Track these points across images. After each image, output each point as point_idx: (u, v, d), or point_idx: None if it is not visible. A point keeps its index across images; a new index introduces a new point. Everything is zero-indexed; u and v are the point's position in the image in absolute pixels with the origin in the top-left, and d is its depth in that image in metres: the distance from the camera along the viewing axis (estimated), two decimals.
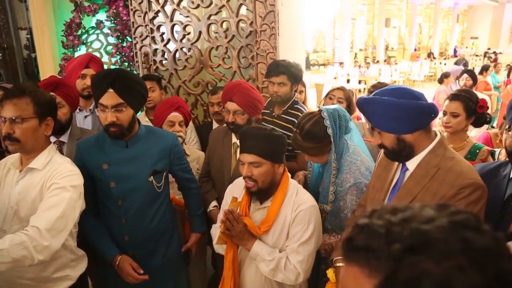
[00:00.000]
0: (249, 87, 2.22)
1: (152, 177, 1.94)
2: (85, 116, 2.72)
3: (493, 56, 18.90)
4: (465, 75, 4.84)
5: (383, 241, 0.51)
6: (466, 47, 26.58)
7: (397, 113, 1.40)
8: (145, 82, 2.86)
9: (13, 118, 1.55)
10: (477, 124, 2.31)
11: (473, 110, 2.23)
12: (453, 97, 2.29)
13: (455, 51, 25.59)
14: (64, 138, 2.20)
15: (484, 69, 7.84)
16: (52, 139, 2.18)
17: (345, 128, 1.93)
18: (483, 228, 0.52)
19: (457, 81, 4.98)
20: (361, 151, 1.98)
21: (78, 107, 2.66)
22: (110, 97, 1.76)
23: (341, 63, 16.71)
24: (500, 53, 20.32)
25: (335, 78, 13.95)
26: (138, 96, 1.86)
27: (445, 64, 18.09)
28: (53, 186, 1.59)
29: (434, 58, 20.82)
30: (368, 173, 1.89)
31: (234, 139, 2.32)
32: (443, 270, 0.47)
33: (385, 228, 0.52)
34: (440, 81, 5.97)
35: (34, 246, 1.39)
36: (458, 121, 2.24)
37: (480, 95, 2.87)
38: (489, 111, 2.36)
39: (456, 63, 13.96)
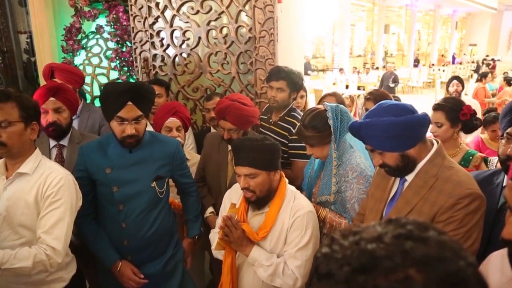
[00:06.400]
0: (241, 106, 2.19)
1: (154, 182, 1.96)
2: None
3: (491, 63, 18.97)
4: (455, 81, 4.92)
5: (338, 266, 0.53)
6: (465, 54, 26.70)
7: (400, 131, 1.40)
8: (154, 87, 2.90)
9: None
10: (467, 131, 2.33)
11: (457, 118, 2.24)
12: (436, 107, 2.31)
13: (453, 58, 25.70)
14: (64, 141, 2.23)
15: (483, 76, 7.85)
16: (52, 142, 2.21)
17: (346, 125, 1.95)
18: (425, 236, 0.54)
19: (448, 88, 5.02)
20: (363, 157, 2.00)
21: None
22: (130, 110, 1.80)
23: (340, 69, 16.74)
24: (499, 60, 20.39)
25: (334, 84, 13.98)
26: (151, 105, 1.95)
27: (443, 70, 18.15)
28: (51, 198, 1.62)
29: (416, 66, 20.71)
30: (369, 172, 1.92)
31: (230, 146, 2.33)
32: (390, 284, 0.49)
33: (341, 253, 0.55)
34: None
35: (51, 263, 1.58)
36: (443, 130, 2.26)
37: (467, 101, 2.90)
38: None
39: (383, 78, 12.39)
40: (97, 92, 3.64)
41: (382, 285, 0.50)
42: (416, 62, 21.92)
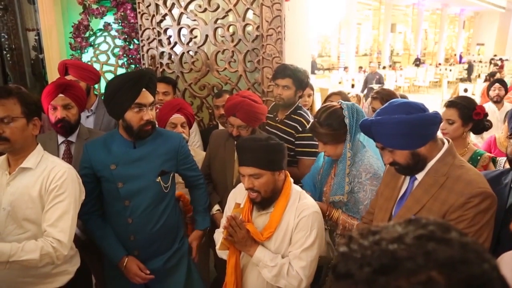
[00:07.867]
0: (252, 103, 2.20)
1: (159, 177, 1.96)
2: (87, 116, 2.74)
3: (499, 62, 18.80)
4: (497, 84, 4.62)
5: (358, 266, 0.52)
6: (472, 54, 26.50)
7: (411, 129, 1.40)
8: (161, 85, 2.92)
9: (2, 118, 1.58)
10: (476, 131, 2.31)
11: (469, 117, 2.22)
12: (449, 104, 2.30)
13: (460, 57, 25.51)
14: (72, 138, 2.25)
15: (491, 75, 7.79)
16: (61, 139, 2.22)
17: None
18: (448, 237, 0.53)
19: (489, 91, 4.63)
20: (375, 157, 1.99)
21: None
22: (147, 96, 1.84)
23: (345, 68, 16.70)
24: (507, 59, 20.20)
25: (340, 83, 13.94)
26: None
27: (450, 70, 18.04)
28: (55, 191, 1.65)
29: (418, 65, 20.37)
30: (382, 172, 1.90)
31: None
32: (411, 286, 0.49)
33: (360, 253, 0.54)
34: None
35: (57, 255, 1.61)
36: (454, 128, 2.24)
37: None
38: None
39: (367, 79, 11.46)
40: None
41: (404, 287, 0.49)
42: (418, 62, 21.48)
